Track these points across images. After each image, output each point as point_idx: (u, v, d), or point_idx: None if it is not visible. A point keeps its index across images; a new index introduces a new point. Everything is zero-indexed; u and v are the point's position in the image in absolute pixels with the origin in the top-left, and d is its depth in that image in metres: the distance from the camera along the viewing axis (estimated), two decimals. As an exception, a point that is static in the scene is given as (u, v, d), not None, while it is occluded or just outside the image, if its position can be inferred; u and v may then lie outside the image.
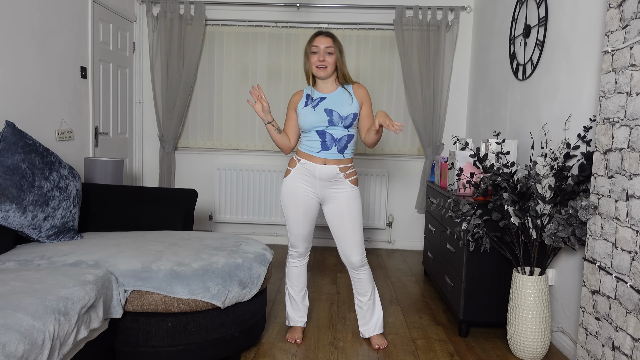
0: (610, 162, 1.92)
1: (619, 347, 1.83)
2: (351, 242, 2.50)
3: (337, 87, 2.49)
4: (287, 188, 2.50)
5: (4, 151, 2.26)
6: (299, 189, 2.48)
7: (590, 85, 2.44)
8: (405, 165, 4.66)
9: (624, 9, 1.86)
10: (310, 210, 2.51)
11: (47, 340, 1.53)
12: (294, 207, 2.50)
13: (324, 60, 2.40)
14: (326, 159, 2.43)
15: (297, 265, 2.64)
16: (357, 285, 2.61)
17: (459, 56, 4.53)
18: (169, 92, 4.47)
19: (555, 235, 2.28)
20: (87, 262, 2.12)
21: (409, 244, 4.72)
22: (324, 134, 2.42)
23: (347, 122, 2.42)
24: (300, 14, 4.51)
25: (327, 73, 2.43)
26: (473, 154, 2.60)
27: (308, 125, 2.43)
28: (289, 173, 2.51)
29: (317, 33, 2.46)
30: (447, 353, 2.56)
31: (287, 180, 2.50)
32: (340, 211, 2.48)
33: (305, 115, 2.44)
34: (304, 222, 2.52)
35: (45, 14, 3.13)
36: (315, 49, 2.42)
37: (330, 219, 2.52)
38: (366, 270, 2.58)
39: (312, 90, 2.50)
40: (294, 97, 2.54)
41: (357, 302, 2.65)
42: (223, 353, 2.25)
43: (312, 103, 2.45)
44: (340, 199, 2.47)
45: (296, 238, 2.56)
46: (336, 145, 2.43)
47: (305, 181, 2.47)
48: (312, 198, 2.50)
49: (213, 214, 4.69)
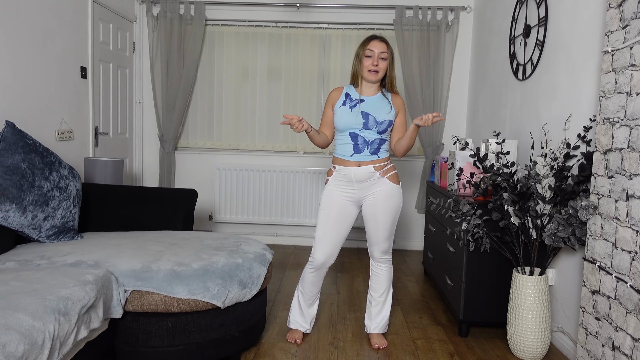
0: (610, 162, 1.92)
1: (619, 347, 1.83)
2: (379, 238, 2.52)
3: (378, 93, 2.49)
4: (326, 195, 2.50)
5: (4, 151, 2.26)
6: (336, 195, 2.48)
7: (590, 85, 2.44)
8: (405, 165, 4.66)
9: (624, 9, 1.86)
10: (342, 216, 2.48)
11: (47, 340, 1.53)
12: (328, 209, 2.48)
13: (377, 65, 2.40)
14: (359, 162, 2.43)
15: (312, 274, 2.58)
16: (373, 279, 2.62)
17: (459, 56, 4.53)
18: (169, 92, 4.47)
19: (555, 235, 2.28)
20: (87, 262, 2.12)
21: (409, 244, 4.72)
22: (357, 136, 2.42)
23: (382, 127, 2.42)
24: (300, 14, 4.51)
25: (377, 78, 2.43)
26: (473, 154, 2.60)
27: (342, 126, 2.43)
28: (328, 182, 2.52)
29: (372, 37, 2.44)
30: (447, 353, 2.56)
31: (327, 188, 2.51)
32: (375, 209, 2.48)
33: (342, 115, 2.43)
34: (333, 225, 2.48)
35: (45, 14, 3.13)
36: (369, 53, 2.41)
37: (365, 216, 2.52)
38: (386, 268, 2.59)
39: (352, 90, 2.50)
40: (334, 93, 2.52)
41: (369, 296, 2.67)
42: (223, 353, 2.25)
43: (350, 103, 2.45)
44: (377, 196, 2.47)
45: (319, 243, 2.50)
46: (368, 148, 2.43)
47: (342, 188, 2.47)
48: (349, 205, 2.49)
49: (213, 214, 4.69)
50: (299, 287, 2.66)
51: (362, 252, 4.51)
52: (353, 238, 4.66)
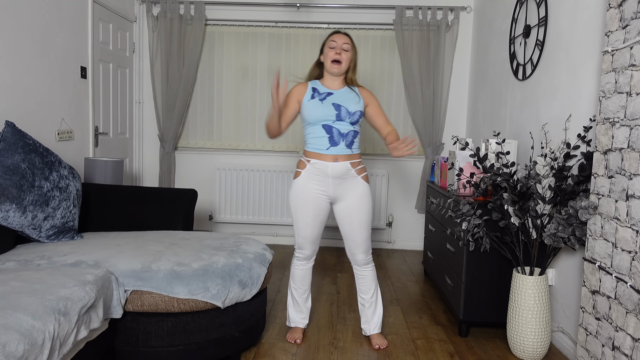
0: (610, 162, 1.92)
1: (619, 347, 1.83)
2: (358, 241, 2.52)
3: (344, 86, 2.52)
4: (297, 189, 2.49)
5: (4, 151, 2.26)
6: (309, 190, 2.47)
7: (590, 85, 2.44)
8: (405, 165, 4.66)
9: (624, 9, 1.86)
10: (320, 212, 2.51)
11: (47, 340, 1.53)
12: (304, 208, 2.49)
13: (340, 54, 2.42)
14: (336, 156, 2.43)
15: (302, 268, 2.63)
16: (361, 282, 2.62)
17: (459, 56, 4.53)
18: (169, 92, 4.47)
19: (555, 235, 2.28)
20: (87, 262, 2.12)
21: (409, 244, 4.72)
22: (331, 129, 2.42)
23: (354, 118, 2.44)
24: (300, 14, 4.51)
25: (340, 69, 2.45)
26: (473, 154, 2.60)
27: (315, 119, 2.43)
28: (298, 175, 2.49)
29: (336, 31, 2.50)
30: (447, 353, 2.56)
31: (298, 181, 2.49)
32: (350, 210, 2.48)
33: (313, 108, 2.43)
34: (313, 224, 2.51)
35: (45, 14, 3.13)
36: (332, 44, 2.44)
37: (340, 218, 2.52)
38: (370, 268, 2.60)
39: (319, 85, 2.51)
40: (298, 88, 2.51)
41: (360, 299, 2.66)
42: (223, 353, 2.25)
43: (320, 96, 2.46)
44: (351, 198, 2.47)
45: (304, 240, 2.55)
46: (344, 140, 2.43)
47: (316, 182, 2.46)
48: (322, 199, 2.49)
49: (213, 214, 4.69)
50: (290, 285, 2.68)
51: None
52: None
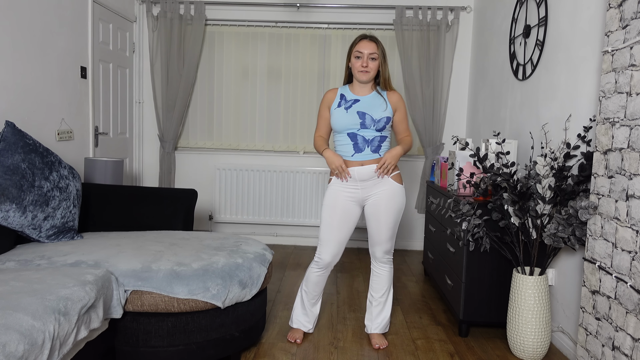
0: (610, 162, 1.92)
1: (619, 347, 1.83)
2: (382, 239, 2.52)
3: (372, 91, 2.48)
4: (329, 194, 2.50)
5: (4, 151, 2.26)
6: (340, 195, 2.47)
7: (590, 85, 2.44)
8: (405, 165, 4.66)
9: (624, 9, 1.86)
10: (346, 217, 2.48)
11: (47, 340, 1.53)
12: (331, 210, 2.48)
13: (367, 65, 2.39)
14: (362, 161, 2.42)
15: (317, 274, 2.58)
16: (375, 280, 2.62)
17: (459, 56, 4.53)
18: (169, 92, 4.47)
19: (555, 235, 2.28)
20: (87, 262, 2.12)
21: (409, 244, 4.72)
22: (355, 136, 2.41)
23: (380, 125, 2.41)
24: (300, 14, 4.51)
25: (369, 77, 2.42)
26: (473, 154, 2.60)
27: (340, 127, 2.43)
28: (331, 181, 2.51)
29: (362, 37, 2.43)
30: (447, 353, 2.56)
31: (330, 187, 2.50)
32: (377, 209, 2.48)
33: (338, 117, 2.43)
34: (337, 226, 2.49)
35: (45, 14, 3.13)
36: (358, 54, 2.40)
37: (368, 215, 2.53)
38: (388, 268, 2.59)
39: (347, 91, 2.50)
40: (329, 95, 2.51)
41: (370, 296, 2.66)
42: (223, 353, 2.25)
43: (346, 104, 2.44)
44: (380, 197, 2.47)
45: (324, 242, 2.51)
46: (369, 146, 2.42)
47: (346, 188, 2.47)
48: (352, 205, 2.49)
49: (213, 214, 4.69)
50: (302, 286, 2.65)
51: (363, 252, 4.51)
52: (354, 238, 4.65)
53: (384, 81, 2.48)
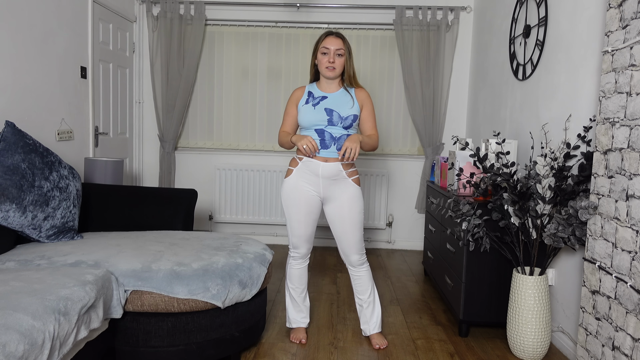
0: (610, 162, 1.92)
1: (619, 347, 1.83)
2: (351, 242, 2.51)
3: (340, 88, 2.50)
4: (289, 187, 2.49)
5: (4, 151, 2.26)
6: (301, 188, 2.47)
7: (590, 85, 2.44)
8: (405, 165, 4.66)
9: (624, 9, 1.86)
10: (312, 210, 2.51)
11: (47, 340, 1.53)
12: (296, 207, 2.49)
13: (334, 62, 2.41)
14: (326, 157, 2.43)
15: (299, 267, 2.63)
16: (357, 283, 2.62)
17: (459, 56, 4.53)
18: (169, 92, 4.47)
19: (555, 235, 2.28)
20: (87, 262, 2.12)
21: (409, 244, 4.72)
22: (323, 132, 2.42)
23: (347, 123, 2.42)
24: (300, 14, 4.51)
25: (335, 74, 2.44)
26: (473, 154, 2.60)
27: (307, 123, 2.44)
28: (290, 172, 2.50)
29: (328, 33, 2.45)
30: (447, 353, 2.56)
31: (289, 179, 2.49)
32: (341, 211, 2.48)
33: (306, 113, 2.44)
34: (306, 222, 2.51)
35: (45, 14, 3.13)
36: (325, 50, 2.42)
37: (331, 219, 2.52)
38: (365, 269, 2.59)
39: (315, 88, 2.51)
40: (296, 93, 2.54)
41: (358, 300, 2.66)
42: (223, 353, 2.25)
43: (313, 101, 2.46)
44: (342, 199, 2.47)
45: (298, 239, 2.55)
46: (335, 144, 2.43)
47: (307, 180, 2.46)
48: (314, 198, 2.49)
49: (213, 214, 4.69)
50: (288, 285, 2.67)
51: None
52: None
53: (349, 77, 2.48)
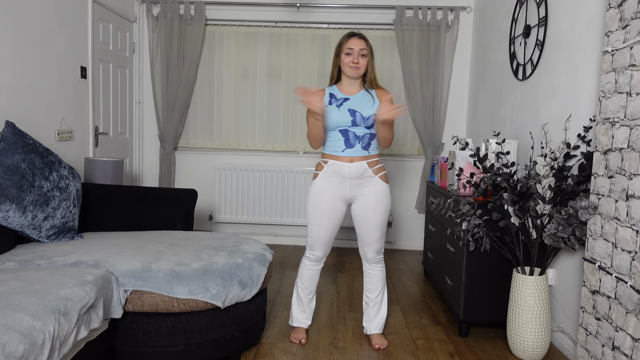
0: (610, 162, 1.92)
1: (619, 347, 1.83)
2: (372, 240, 2.53)
3: (361, 90, 2.50)
4: (315, 190, 2.50)
5: (4, 151, 2.26)
6: (326, 192, 2.48)
7: (590, 85, 2.44)
8: (405, 165, 4.65)
9: (624, 9, 1.86)
10: (334, 216, 2.50)
11: (47, 340, 1.53)
12: (319, 209, 2.49)
13: (358, 62, 2.42)
14: (352, 157, 2.44)
15: (311, 269, 2.62)
16: (368, 281, 2.63)
17: (459, 56, 4.53)
18: (169, 92, 4.47)
19: (555, 235, 2.28)
20: (87, 262, 2.12)
21: (409, 244, 4.72)
22: (347, 132, 2.43)
23: (369, 122, 2.43)
24: (300, 14, 4.51)
25: (359, 73, 2.45)
26: (473, 154, 2.60)
27: (332, 124, 2.44)
28: (317, 176, 2.51)
29: (351, 34, 2.46)
30: (447, 353, 2.56)
31: (316, 182, 2.50)
32: (366, 209, 2.48)
33: (331, 114, 2.44)
34: (327, 225, 2.51)
35: (45, 14, 3.13)
36: (349, 51, 2.42)
37: (355, 216, 2.53)
38: (379, 268, 2.60)
39: (336, 90, 2.51)
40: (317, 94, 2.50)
41: (365, 297, 2.67)
42: (223, 353, 2.25)
43: (337, 102, 2.46)
44: (368, 197, 2.48)
45: (316, 241, 2.55)
46: (360, 142, 2.44)
47: (334, 183, 2.47)
48: (338, 204, 2.50)
49: (213, 214, 4.69)
50: (297, 284, 2.67)
51: (362, 252, 4.50)
52: (354, 238, 4.66)
53: (370, 80, 2.50)
